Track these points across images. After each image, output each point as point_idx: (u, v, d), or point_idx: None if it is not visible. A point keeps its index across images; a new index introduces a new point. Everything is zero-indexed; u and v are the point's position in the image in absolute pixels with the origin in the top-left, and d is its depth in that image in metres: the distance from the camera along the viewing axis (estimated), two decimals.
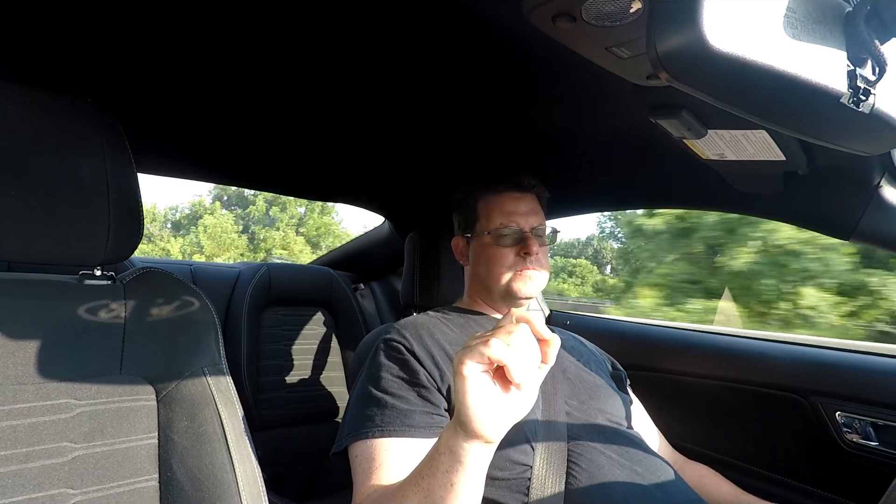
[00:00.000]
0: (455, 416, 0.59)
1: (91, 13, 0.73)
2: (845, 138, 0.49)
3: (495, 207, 1.07)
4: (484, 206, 1.08)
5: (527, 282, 1.02)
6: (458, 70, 0.85)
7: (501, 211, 1.06)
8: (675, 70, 0.40)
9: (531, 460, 0.82)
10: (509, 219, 1.05)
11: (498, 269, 1.03)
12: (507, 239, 1.03)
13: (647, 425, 1.14)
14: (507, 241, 1.03)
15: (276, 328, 1.73)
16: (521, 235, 1.04)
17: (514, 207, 1.06)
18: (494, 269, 1.04)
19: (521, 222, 1.05)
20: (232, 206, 19.38)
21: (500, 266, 1.03)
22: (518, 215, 1.05)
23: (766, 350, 1.26)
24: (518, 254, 1.03)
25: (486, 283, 1.06)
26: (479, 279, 1.08)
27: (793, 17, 0.39)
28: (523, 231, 1.04)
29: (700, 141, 0.84)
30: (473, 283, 1.11)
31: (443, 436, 0.62)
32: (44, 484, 0.61)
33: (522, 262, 1.02)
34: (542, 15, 0.59)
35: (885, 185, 0.83)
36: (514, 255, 1.03)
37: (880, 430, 1.05)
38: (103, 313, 0.73)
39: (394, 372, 0.89)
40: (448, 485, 0.61)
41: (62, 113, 0.72)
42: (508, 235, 1.03)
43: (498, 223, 1.05)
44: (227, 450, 0.70)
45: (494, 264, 1.04)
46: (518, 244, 1.03)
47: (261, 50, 0.82)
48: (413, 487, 0.65)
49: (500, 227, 1.04)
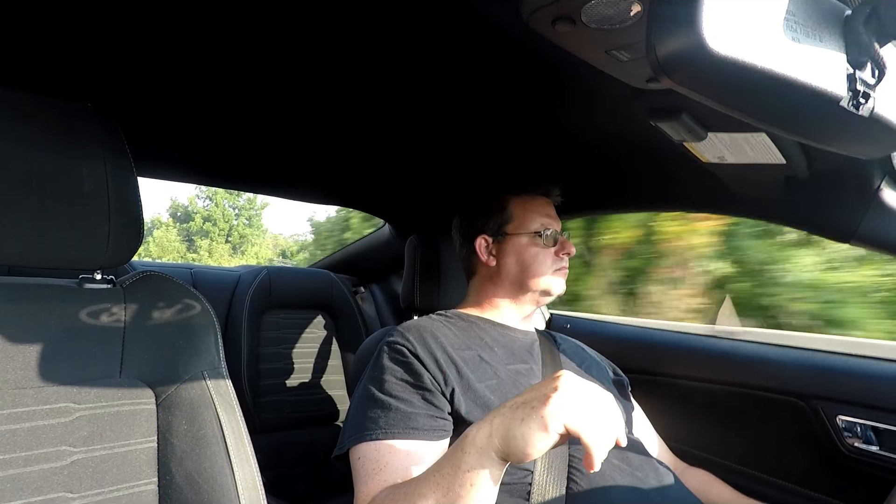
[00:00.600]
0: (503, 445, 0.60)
1: (90, 17, 0.74)
2: (845, 141, 0.49)
3: (533, 209, 1.12)
4: (519, 208, 1.12)
5: (562, 282, 1.09)
6: (457, 74, 0.86)
7: (540, 213, 1.11)
8: (675, 73, 0.40)
9: (532, 465, 0.81)
10: (548, 221, 1.11)
11: (539, 268, 1.07)
12: (549, 239, 1.08)
13: (647, 431, 1.14)
14: (549, 241, 1.08)
15: (276, 331, 1.72)
16: (558, 237, 1.10)
17: (549, 210, 1.13)
18: (535, 268, 1.08)
19: (555, 225, 1.11)
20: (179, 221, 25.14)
21: (541, 265, 1.07)
22: (552, 218, 1.12)
23: (768, 354, 1.26)
24: (557, 254, 1.09)
25: (522, 282, 1.09)
26: (511, 278, 1.10)
27: (792, 20, 0.39)
28: (560, 233, 1.10)
29: (700, 144, 0.84)
30: (495, 283, 1.12)
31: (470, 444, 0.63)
32: (43, 488, 0.61)
33: (560, 262, 1.08)
34: (542, 18, 0.59)
35: (886, 188, 0.83)
36: (553, 256, 1.09)
37: (881, 435, 1.05)
38: (103, 317, 0.73)
39: (397, 375, 0.88)
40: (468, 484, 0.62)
41: (62, 117, 0.72)
42: (550, 236, 1.08)
43: (539, 224, 1.09)
44: (227, 453, 0.70)
45: (535, 263, 1.08)
46: (555, 245, 1.09)
47: (261, 53, 0.82)
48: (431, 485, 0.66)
49: (541, 227, 1.09)
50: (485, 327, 1.05)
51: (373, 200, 1.79)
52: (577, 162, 1.21)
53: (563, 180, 1.17)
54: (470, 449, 0.62)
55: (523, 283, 1.08)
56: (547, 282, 1.07)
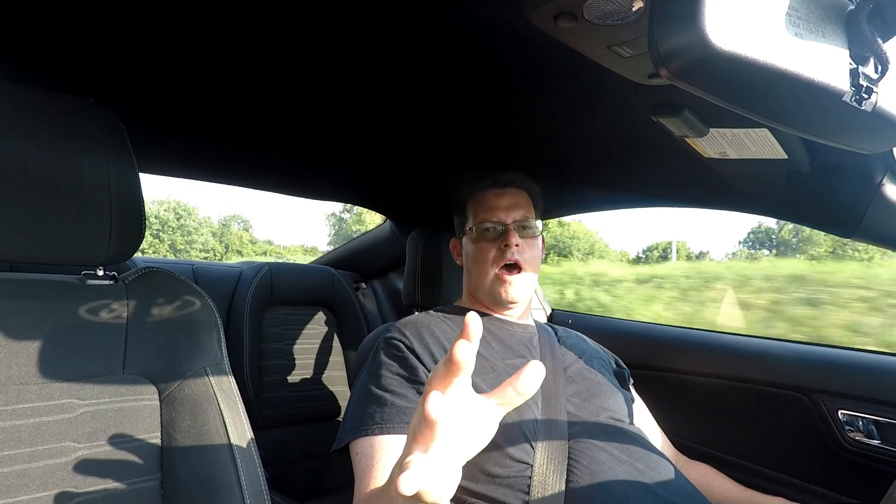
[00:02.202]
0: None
1: (93, 12, 0.73)
2: (847, 136, 0.49)
3: (479, 205, 1.09)
4: (471, 205, 1.11)
5: (509, 287, 1.03)
6: (459, 69, 0.85)
7: (484, 207, 1.08)
8: (677, 69, 0.40)
9: (531, 458, 0.82)
10: (491, 214, 1.06)
11: (481, 266, 1.05)
12: (488, 233, 1.05)
13: (649, 423, 1.14)
14: (488, 235, 1.05)
15: (278, 328, 1.73)
16: (503, 229, 1.05)
17: (497, 202, 1.08)
18: (478, 265, 1.06)
19: (502, 216, 1.06)
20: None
21: (482, 262, 1.05)
22: (500, 210, 1.07)
23: (769, 349, 1.26)
24: (499, 248, 1.04)
25: (474, 282, 1.08)
26: (470, 279, 1.10)
27: (795, 15, 0.39)
28: (504, 224, 1.05)
29: (702, 140, 0.84)
30: (467, 283, 1.13)
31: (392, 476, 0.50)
32: (47, 483, 0.62)
33: (503, 255, 1.03)
34: (544, 14, 0.59)
35: (888, 183, 0.83)
36: (495, 250, 1.04)
37: (883, 429, 1.05)
38: (106, 313, 0.73)
39: (393, 370, 0.89)
40: None
41: (64, 112, 0.72)
42: (489, 230, 1.05)
43: (479, 218, 1.07)
44: (230, 449, 0.70)
45: (477, 260, 1.06)
46: (499, 238, 1.05)
47: (263, 49, 0.82)
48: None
49: (481, 221, 1.06)
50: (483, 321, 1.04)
51: (374, 196, 1.79)
52: (578, 158, 1.21)
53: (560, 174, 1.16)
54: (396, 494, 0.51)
55: (475, 283, 1.07)
56: (491, 283, 1.04)
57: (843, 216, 0.91)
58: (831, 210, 0.94)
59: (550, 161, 1.24)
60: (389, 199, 1.79)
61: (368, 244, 2.06)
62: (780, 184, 0.96)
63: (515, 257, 1.03)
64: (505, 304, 1.05)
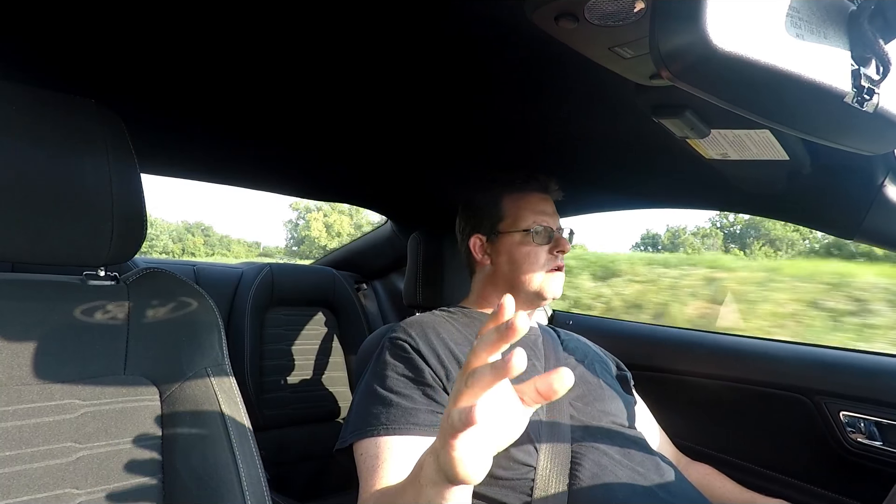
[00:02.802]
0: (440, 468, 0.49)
1: (94, 13, 0.74)
2: (849, 137, 0.49)
3: (525, 206, 1.08)
4: (511, 205, 1.09)
5: (558, 283, 1.05)
6: (461, 70, 0.85)
7: (532, 210, 1.07)
8: (679, 70, 0.40)
9: (535, 461, 0.82)
10: (542, 218, 1.06)
11: (531, 268, 1.04)
12: (541, 237, 1.05)
13: (650, 426, 1.14)
14: (541, 238, 1.05)
15: (279, 328, 1.73)
16: (553, 234, 1.06)
17: (544, 207, 1.08)
18: (527, 267, 1.04)
19: (550, 222, 1.07)
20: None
21: (533, 264, 1.04)
22: (547, 215, 1.07)
23: (770, 350, 1.26)
24: (551, 252, 1.05)
25: (515, 282, 1.06)
26: (505, 278, 1.07)
27: (796, 16, 0.39)
28: (554, 230, 1.06)
29: (703, 141, 0.84)
30: (492, 283, 1.10)
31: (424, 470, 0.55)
32: (48, 484, 0.62)
33: (554, 260, 1.04)
34: (545, 15, 0.59)
35: (889, 184, 0.83)
36: (546, 254, 1.05)
37: (885, 430, 1.05)
38: (107, 314, 0.73)
39: (399, 370, 0.89)
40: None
41: (65, 113, 0.72)
42: (542, 234, 1.05)
43: (531, 221, 1.06)
44: (231, 449, 0.70)
45: (528, 262, 1.05)
46: (549, 243, 1.05)
47: (264, 50, 0.82)
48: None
49: (533, 224, 1.05)
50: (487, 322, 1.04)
51: (375, 197, 1.79)
52: (580, 159, 1.21)
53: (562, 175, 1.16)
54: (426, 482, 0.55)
55: (516, 284, 1.06)
56: (539, 282, 1.04)
57: (845, 217, 0.91)
58: (832, 211, 0.94)
59: (550, 162, 1.24)
60: (390, 200, 1.78)
61: (370, 244, 2.06)
62: (781, 185, 0.95)
63: (561, 262, 1.06)
64: (547, 299, 1.05)
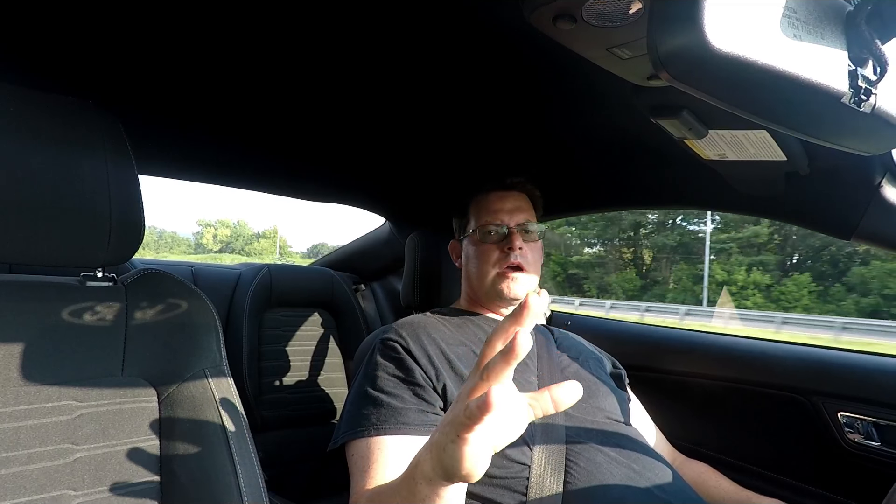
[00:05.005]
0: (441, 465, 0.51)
1: (93, 15, 0.74)
2: (846, 138, 0.49)
3: (482, 207, 1.10)
4: (474, 207, 1.12)
5: (511, 282, 1.04)
6: (458, 72, 0.85)
7: (488, 210, 1.09)
8: (676, 70, 0.40)
9: (529, 459, 0.82)
10: (494, 216, 1.07)
11: (483, 267, 1.06)
12: (491, 236, 1.06)
13: (646, 423, 1.14)
14: (491, 237, 1.06)
15: (277, 329, 1.73)
16: (506, 231, 1.06)
17: (500, 205, 1.09)
18: (480, 266, 1.06)
19: (505, 219, 1.07)
20: None
21: (484, 263, 1.06)
22: (503, 213, 1.08)
23: (768, 350, 1.26)
24: (502, 250, 1.05)
25: (475, 284, 1.09)
26: (470, 280, 1.11)
27: (794, 16, 0.39)
28: (508, 226, 1.06)
29: (701, 141, 0.84)
30: (467, 285, 1.14)
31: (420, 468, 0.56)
32: (46, 486, 0.61)
33: (506, 258, 1.04)
34: (543, 16, 0.59)
35: (886, 185, 0.83)
36: (498, 252, 1.05)
37: (882, 431, 1.05)
38: (105, 315, 0.73)
39: (389, 371, 0.89)
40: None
41: (63, 114, 0.72)
42: (493, 232, 1.06)
43: (483, 221, 1.08)
44: (229, 451, 0.70)
45: (479, 262, 1.06)
46: (502, 240, 1.06)
47: (263, 52, 0.82)
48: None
49: (485, 224, 1.07)
50: (480, 323, 1.05)
51: (373, 198, 1.79)
52: (578, 159, 1.21)
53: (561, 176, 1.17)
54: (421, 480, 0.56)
55: (474, 284, 1.08)
56: (492, 281, 1.04)
57: (842, 218, 0.91)
58: (830, 212, 0.94)
59: (549, 162, 1.24)
60: (388, 201, 1.79)
61: (368, 246, 2.06)
62: (778, 185, 0.96)
63: (518, 260, 1.04)
64: (507, 299, 1.04)
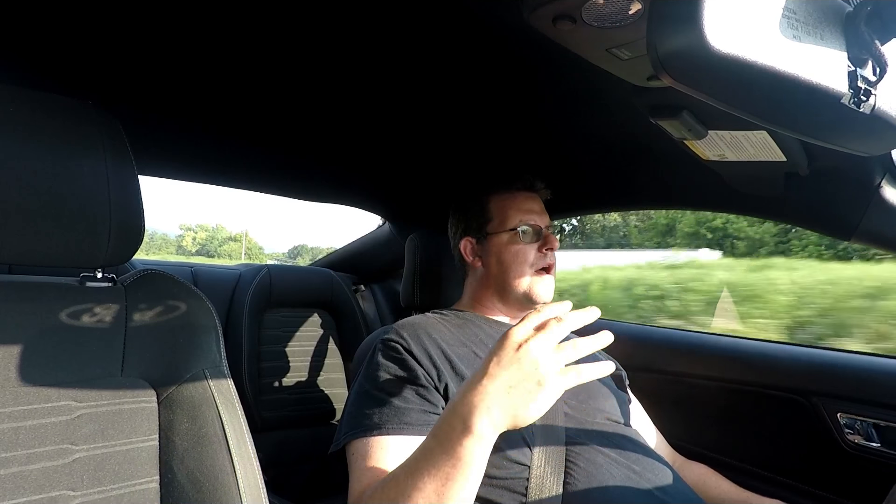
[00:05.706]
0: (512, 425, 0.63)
1: (92, 15, 0.74)
2: (846, 139, 0.49)
3: (512, 206, 1.08)
4: (498, 206, 1.10)
5: (547, 286, 1.04)
6: (458, 72, 0.85)
7: (519, 209, 1.08)
8: (676, 71, 0.40)
9: (529, 460, 0.82)
10: (529, 216, 1.07)
11: (520, 268, 1.04)
12: (528, 235, 1.05)
13: (645, 425, 1.14)
14: (528, 237, 1.05)
15: (277, 330, 1.72)
16: (542, 232, 1.06)
17: (531, 206, 1.09)
18: (516, 267, 1.05)
19: (537, 220, 1.07)
20: None
21: (521, 263, 1.04)
22: (535, 213, 1.08)
23: (768, 351, 1.26)
24: (539, 250, 1.05)
25: (504, 284, 1.06)
26: (495, 280, 1.08)
27: (793, 17, 0.39)
28: (542, 228, 1.06)
29: (701, 142, 0.84)
30: (484, 285, 1.11)
31: (474, 438, 0.63)
32: (45, 486, 0.61)
33: (544, 258, 1.04)
34: (543, 17, 0.59)
35: (886, 186, 0.83)
36: (535, 252, 1.05)
37: (882, 432, 1.05)
38: (104, 315, 0.73)
39: (391, 371, 0.89)
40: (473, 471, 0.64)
41: (63, 114, 0.71)
42: (529, 232, 1.05)
43: (517, 220, 1.06)
44: (228, 451, 0.70)
45: (517, 262, 1.05)
46: (538, 241, 1.05)
47: (262, 52, 0.82)
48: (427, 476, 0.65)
49: (520, 223, 1.06)
50: (480, 324, 1.05)
51: (373, 198, 1.79)
52: (578, 160, 1.21)
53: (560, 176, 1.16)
54: (474, 442, 0.63)
55: (507, 284, 1.06)
56: (528, 283, 1.04)
57: (842, 218, 0.91)
58: (830, 212, 0.94)
59: (549, 163, 1.24)
60: (388, 201, 1.79)
61: (368, 246, 2.06)
62: (778, 186, 0.96)
63: (552, 261, 1.05)
64: (537, 302, 1.04)
